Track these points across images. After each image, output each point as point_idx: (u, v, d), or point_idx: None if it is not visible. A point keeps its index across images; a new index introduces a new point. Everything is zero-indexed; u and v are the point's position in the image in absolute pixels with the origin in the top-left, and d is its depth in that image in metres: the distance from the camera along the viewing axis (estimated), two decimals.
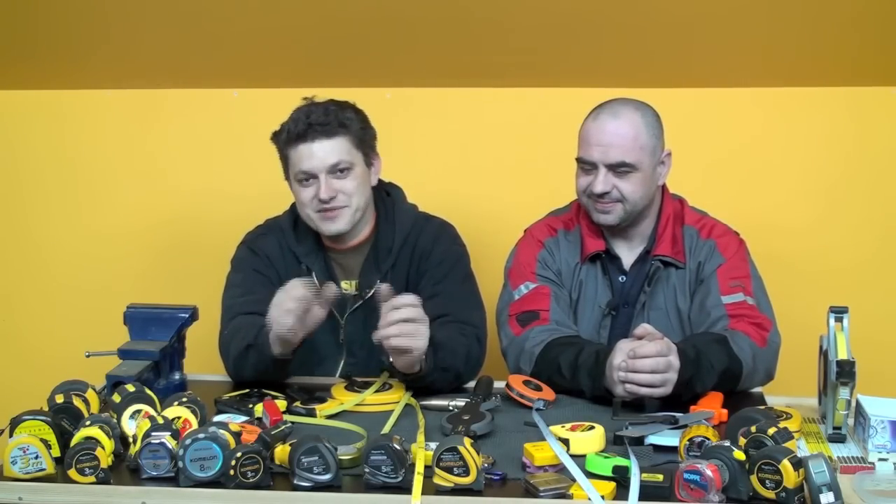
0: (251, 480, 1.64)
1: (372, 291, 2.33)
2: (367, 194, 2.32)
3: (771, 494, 1.57)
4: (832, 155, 2.95)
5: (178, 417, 1.81)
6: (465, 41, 2.82)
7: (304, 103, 2.31)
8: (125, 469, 1.73)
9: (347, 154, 2.26)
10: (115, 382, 1.98)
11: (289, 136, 2.25)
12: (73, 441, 1.70)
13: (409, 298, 1.99)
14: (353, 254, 2.36)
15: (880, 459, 1.78)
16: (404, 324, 1.95)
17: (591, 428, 1.81)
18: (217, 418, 1.91)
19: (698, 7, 2.67)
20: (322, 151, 2.24)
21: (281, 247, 2.36)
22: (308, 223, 2.32)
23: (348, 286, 2.36)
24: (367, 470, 1.64)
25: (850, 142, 2.94)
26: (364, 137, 2.30)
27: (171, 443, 1.68)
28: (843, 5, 2.63)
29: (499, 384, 2.13)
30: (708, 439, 1.71)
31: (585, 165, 2.26)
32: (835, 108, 2.93)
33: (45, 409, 1.83)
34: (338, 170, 2.25)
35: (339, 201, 2.26)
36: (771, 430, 1.66)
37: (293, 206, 2.42)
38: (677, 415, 1.91)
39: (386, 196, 2.40)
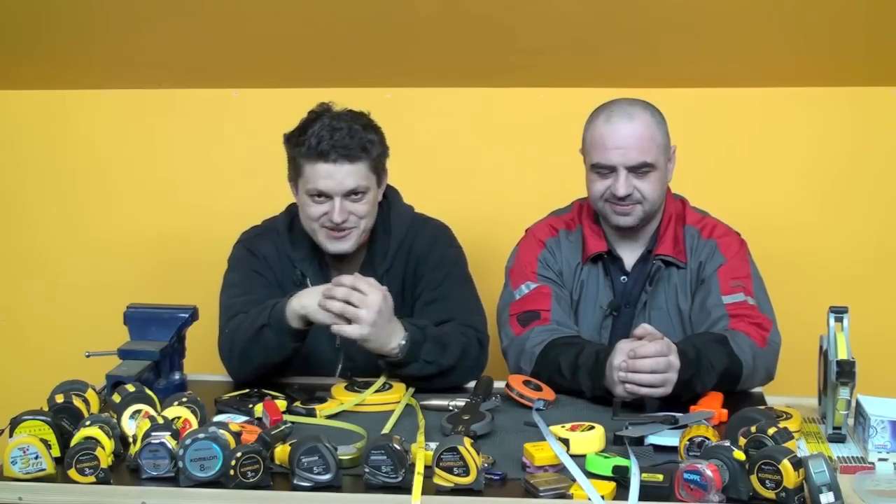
0: (251, 480, 1.64)
1: None
2: (374, 213, 2.32)
3: (771, 494, 1.57)
4: (832, 155, 2.96)
5: (178, 417, 1.81)
6: (465, 41, 2.83)
7: (321, 109, 2.27)
8: (125, 469, 1.73)
9: (364, 179, 2.24)
10: (115, 382, 1.98)
11: (309, 151, 2.21)
12: (73, 441, 1.70)
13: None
14: (349, 258, 2.35)
15: (880, 459, 1.77)
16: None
17: (591, 428, 1.81)
18: (217, 418, 1.91)
19: (699, 8, 2.67)
20: (341, 174, 2.21)
21: (277, 249, 2.35)
22: (311, 235, 2.31)
23: None
24: (367, 470, 1.63)
25: (850, 142, 2.95)
26: (380, 161, 2.29)
27: (171, 443, 1.68)
28: (844, 5, 2.64)
29: (499, 384, 2.13)
30: (708, 439, 1.71)
31: (603, 170, 2.25)
32: (835, 108, 2.93)
33: (45, 409, 1.83)
34: (353, 194, 2.24)
35: (349, 223, 2.25)
36: (771, 430, 1.66)
37: (289, 208, 2.41)
38: (677, 415, 1.90)
39: (383, 199, 2.39)
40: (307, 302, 2.07)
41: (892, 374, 2.75)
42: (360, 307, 2.01)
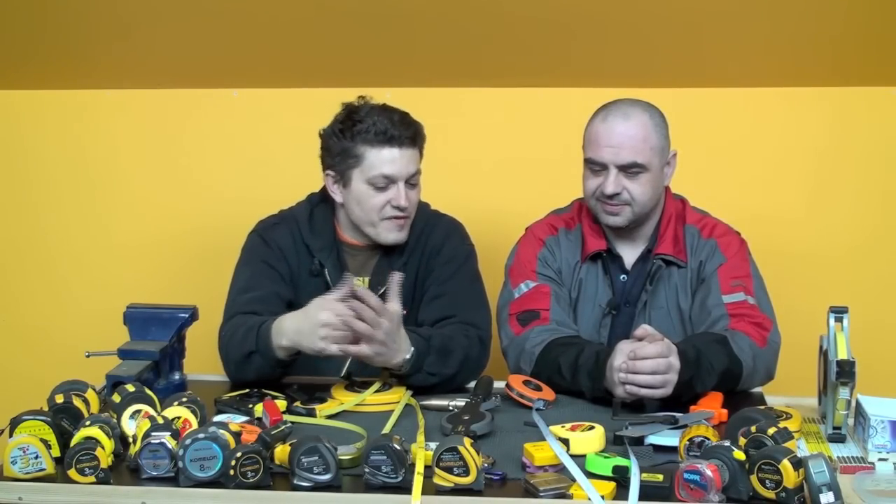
0: (251, 480, 1.64)
1: (383, 289, 2.33)
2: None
3: (771, 494, 1.57)
4: (832, 155, 2.96)
5: (178, 417, 1.81)
6: (465, 41, 2.83)
7: (359, 101, 2.29)
8: (125, 469, 1.73)
9: (419, 164, 2.30)
10: (115, 382, 1.98)
11: (376, 137, 2.22)
12: (73, 441, 1.70)
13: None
14: (367, 252, 2.36)
15: (880, 459, 1.78)
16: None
17: (591, 428, 1.81)
18: (217, 418, 1.91)
19: (698, 7, 2.67)
20: (405, 159, 2.25)
21: (294, 239, 2.35)
22: (366, 228, 2.30)
23: (360, 283, 2.36)
24: (367, 470, 1.64)
25: (851, 142, 2.95)
26: (423, 151, 2.33)
27: (171, 443, 1.68)
28: (843, 5, 2.64)
29: (499, 384, 2.13)
30: (708, 439, 1.71)
31: (595, 167, 2.26)
32: (835, 108, 2.93)
33: (45, 409, 1.83)
34: (411, 180, 2.27)
35: (407, 212, 2.28)
36: (771, 430, 1.66)
37: (310, 197, 2.41)
38: (677, 415, 1.91)
39: None
40: (295, 340, 2.04)
41: (892, 374, 2.75)
42: (376, 328, 2.00)
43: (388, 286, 2.03)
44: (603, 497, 1.57)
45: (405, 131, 2.24)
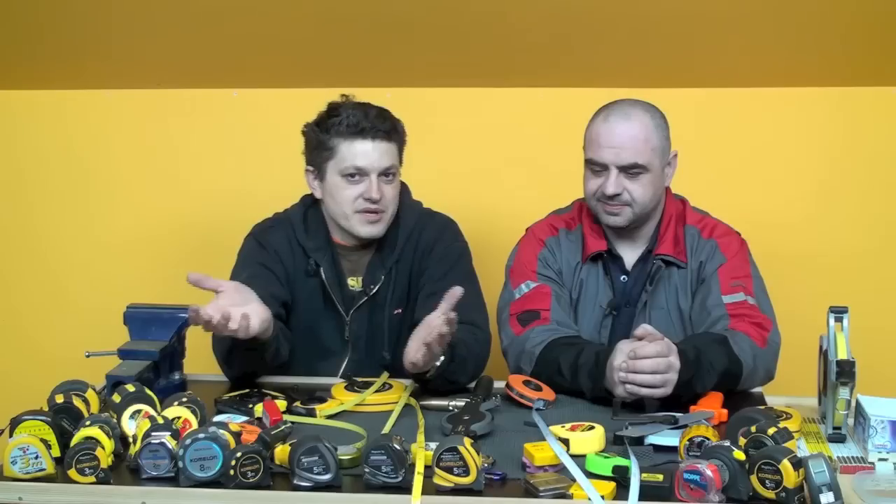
0: (251, 480, 1.64)
1: (376, 288, 2.34)
2: (398, 201, 2.35)
3: (771, 494, 1.57)
4: (832, 155, 2.96)
5: (178, 417, 1.81)
6: (465, 41, 2.83)
7: (344, 101, 2.31)
8: (125, 469, 1.73)
9: (395, 160, 2.31)
10: (115, 382, 1.98)
11: (348, 129, 2.25)
12: (73, 441, 1.70)
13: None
14: (361, 251, 2.37)
15: (880, 459, 1.78)
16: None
17: (591, 428, 1.81)
18: (217, 418, 1.91)
19: (699, 7, 2.67)
20: (378, 152, 2.26)
21: (290, 241, 2.36)
22: (340, 221, 2.31)
23: (355, 283, 2.36)
24: (367, 470, 1.64)
25: (851, 142, 2.95)
26: (403, 148, 2.34)
27: (171, 443, 1.68)
28: (844, 5, 2.64)
29: (499, 384, 2.13)
30: (708, 439, 1.71)
31: (595, 167, 2.26)
32: (835, 108, 2.93)
33: (45, 409, 1.83)
34: (386, 174, 2.28)
35: (382, 205, 2.28)
36: (771, 430, 1.66)
37: (303, 199, 2.42)
38: (677, 415, 1.91)
39: None
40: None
41: (892, 374, 2.75)
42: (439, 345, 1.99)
43: (445, 298, 2.00)
44: (603, 497, 1.57)
45: (379, 124, 2.26)
